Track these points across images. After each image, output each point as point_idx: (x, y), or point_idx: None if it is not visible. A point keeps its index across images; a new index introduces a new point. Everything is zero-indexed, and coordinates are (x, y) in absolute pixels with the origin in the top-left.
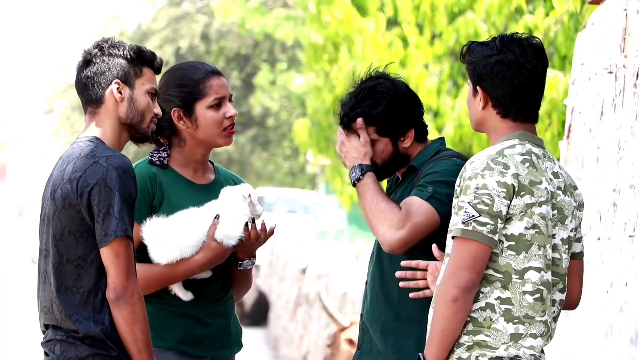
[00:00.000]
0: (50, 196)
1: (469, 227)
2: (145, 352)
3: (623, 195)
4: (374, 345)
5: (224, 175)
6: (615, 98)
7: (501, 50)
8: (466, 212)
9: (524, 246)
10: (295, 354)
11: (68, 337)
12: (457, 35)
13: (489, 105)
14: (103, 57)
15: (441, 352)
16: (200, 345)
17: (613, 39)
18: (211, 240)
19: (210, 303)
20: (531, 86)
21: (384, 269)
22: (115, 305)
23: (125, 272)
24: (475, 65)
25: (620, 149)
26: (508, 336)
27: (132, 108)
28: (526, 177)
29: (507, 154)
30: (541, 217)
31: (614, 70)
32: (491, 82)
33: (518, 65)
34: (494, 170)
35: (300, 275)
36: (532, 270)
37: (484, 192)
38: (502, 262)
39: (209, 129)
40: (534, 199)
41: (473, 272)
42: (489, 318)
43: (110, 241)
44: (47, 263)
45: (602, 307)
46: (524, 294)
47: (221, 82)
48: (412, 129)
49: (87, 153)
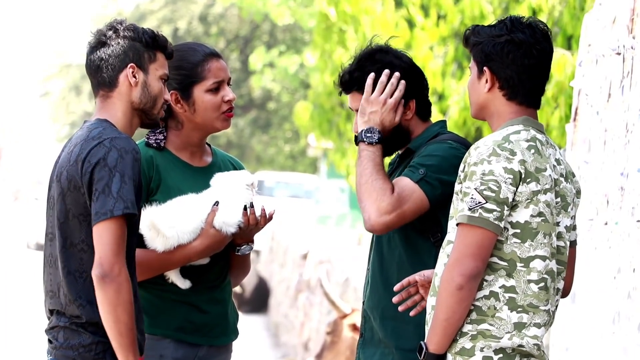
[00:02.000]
0: (56, 178)
1: (475, 214)
2: (127, 336)
3: (631, 179)
4: (375, 333)
5: (222, 157)
6: (623, 80)
7: (511, 30)
8: (472, 198)
9: (530, 234)
10: (296, 341)
11: (71, 324)
12: (462, 17)
13: (495, 86)
14: (118, 39)
15: (444, 341)
16: (197, 332)
17: (621, 20)
18: (209, 227)
19: (208, 290)
20: (540, 67)
21: (383, 254)
22: (101, 284)
23: (114, 251)
24: (483, 45)
25: (628, 132)
26: (512, 325)
27: (145, 93)
28: (532, 164)
29: (513, 140)
30: (546, 205)
31: (622, 52)
32: (500, 61)
33: (529, 45)
34: (501, 156)
35: (302, 261)
36: (538, 258)
37: (491, 179)
38: (507, 250)
39: (207, 112)
40: (539, 186)
41: (479, 260)
42: (492, 307)
43: (103, 219)
44: (53, 246)
45: (609, 293)
46: (528, 283)
47: (220, 65)
48: (413, 99)
49: (94, 135)
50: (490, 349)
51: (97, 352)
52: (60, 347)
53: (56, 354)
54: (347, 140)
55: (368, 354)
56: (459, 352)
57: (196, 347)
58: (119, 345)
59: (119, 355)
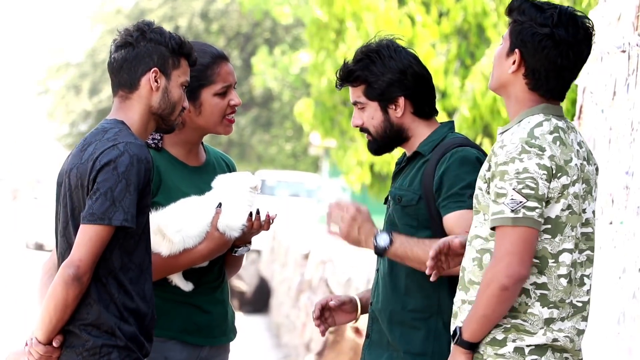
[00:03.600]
0: (66, 174)
1: (519, 215)
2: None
3: (636, 178)
4: (383, 335)
5: (214, 155)
6: (628, 77)
7: (556, 25)
8: (513, 199)
9: (560, 228)
10: (298, 342)
11: (75, 326)
12: (465, 14)
13: (520, 71)
14: (144, 41)
15: (480, 333)
16: (200, 333)
17: (626, 17)
18: (214, 230)
19: (210, 291)
20: (572, 69)
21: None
22: (67, 283)
23: (94, 257)
24: (523, 28)
25: (634, 130)
26: (543, 321)
27: (165, 99)
28: (560, 158)
29: (539, 135)
30: (574, 197)
31: (627, 49)
32: (534, 52)
33: (567, 46)
34: (531, 152)
35: (303, 260)
36: (566, 252)
37: (527, 176)
38: (538, 247)
39: (213, 116)
40: (569, 179)
41: (527, 260)
42: (524, 303)
43: (97, 223)
44: (64, 243)
45: (614, 293)
46: (559, 278)
47: (229, 69)
48: (401, 96)
49: (109, 136)
50: (523, 342)
51: (102, 356)
52: (64, 351)
53: (60, 359)
54: (349, 138)
55: (375, 355)
56: (489, 343)
57: (199, 347)
58: (41, 327)
59: (35, 329)
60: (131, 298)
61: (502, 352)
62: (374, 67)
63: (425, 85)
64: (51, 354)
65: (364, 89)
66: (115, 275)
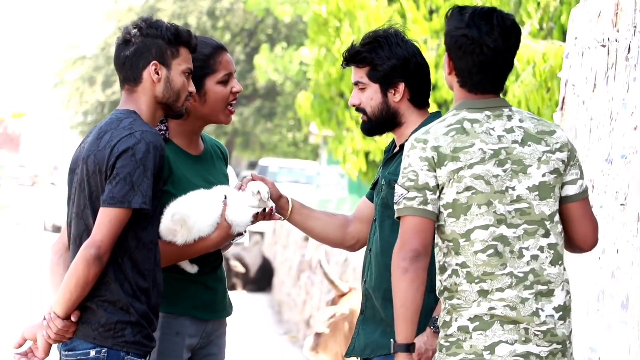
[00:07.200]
0: (83, 161)
1: (401, 206)
2: (72, 303)
3: (615, 165)
4: (376, 311)
5: (210, 143)
6: (607, 71)
7: (468, 25)
8: (397, 193)
9: (461, 210)
10: (298, 318)
11: (92, 302)
12: None
13: (453, 72)
14: (141, 37)
15: (408, 328)
16: (206, 309)
17: (606, 14)
18: (224, 221)
19: (212, 270)
20: (490, 64)
21: (385, 237)
22: (89, 263)
23: (114, 238)
24: (445, 35)
25: (613, 120)
26: (475, 294)
27: (168, 88)
28: (448, 147)
29: (431, 130)
30: (475, 178)
31: (607, 44)
32: (455, 53)
33: (479, 44)
34: (417, 147)
35: (303, 242)
36: (478, 229)
37: (410, 170)
38: (448, 231)
39: (216, 104)
40: (459, 164)
41: (416, 243)
42: (454, 283)
43: (117, 206)
44: (80, 225)
45: (594, 273)
46: (475, 254)
47: (228, 57)
48: (402, 82)
49: (125, 125)
50: (462, 318)
51: (117, 331)
52: (80, 326)
53: (76, 333)
54: (345, 128)
55: (369, 330)
56: (442, 326)
57: (204, 322)
58: (61, 302)
59: (54, 304)
60: (143, 277)
61: (450, 333)
62: (380, 51)
63: (425, 76)
64: (68, 328)
65: (367, 71)
66: (130, 256)
